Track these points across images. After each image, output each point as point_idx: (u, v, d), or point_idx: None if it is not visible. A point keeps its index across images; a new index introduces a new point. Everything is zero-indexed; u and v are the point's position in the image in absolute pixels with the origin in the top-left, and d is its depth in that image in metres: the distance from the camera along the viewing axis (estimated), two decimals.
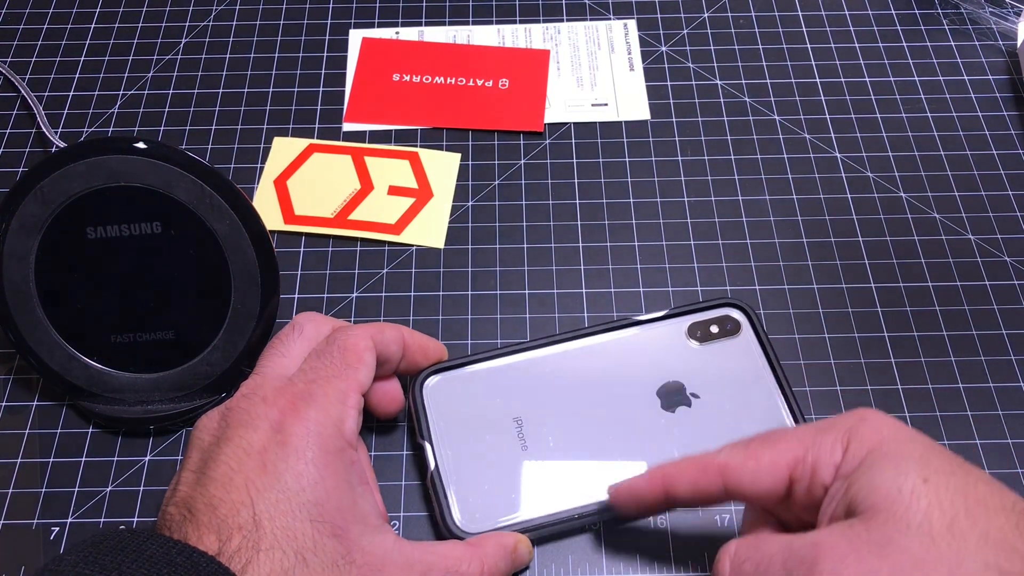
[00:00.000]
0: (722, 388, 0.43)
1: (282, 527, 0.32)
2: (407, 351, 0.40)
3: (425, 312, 0.47)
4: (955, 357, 0.46)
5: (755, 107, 0.55)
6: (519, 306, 0.47)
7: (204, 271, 0.42)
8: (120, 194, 0.41)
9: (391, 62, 0.57)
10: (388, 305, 0.47)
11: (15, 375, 0.45)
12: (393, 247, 0.49)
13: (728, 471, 0.34)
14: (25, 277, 0.41)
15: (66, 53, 0.58)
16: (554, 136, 0.54)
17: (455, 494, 0.39)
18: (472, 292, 0.48)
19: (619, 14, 0.60)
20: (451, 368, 0.43)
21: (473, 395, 0.42)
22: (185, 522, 0.32)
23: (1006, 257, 0.49)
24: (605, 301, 0.47)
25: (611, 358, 0.44)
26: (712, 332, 0.44)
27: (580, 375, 0.43)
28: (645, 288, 0.48)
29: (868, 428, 0.32)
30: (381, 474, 0.42)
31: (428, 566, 0.35)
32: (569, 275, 0.48)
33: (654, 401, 0.42)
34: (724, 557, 0.33)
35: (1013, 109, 0.55)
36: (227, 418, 0.36)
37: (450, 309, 0.47)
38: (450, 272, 0.48)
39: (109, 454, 0.43)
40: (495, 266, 0.49)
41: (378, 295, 0.48)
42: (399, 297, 0.48)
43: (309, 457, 0.34)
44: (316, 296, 0.48)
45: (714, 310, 0.45)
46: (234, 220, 0.42)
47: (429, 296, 0.48)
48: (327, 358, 0.37)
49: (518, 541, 0.38)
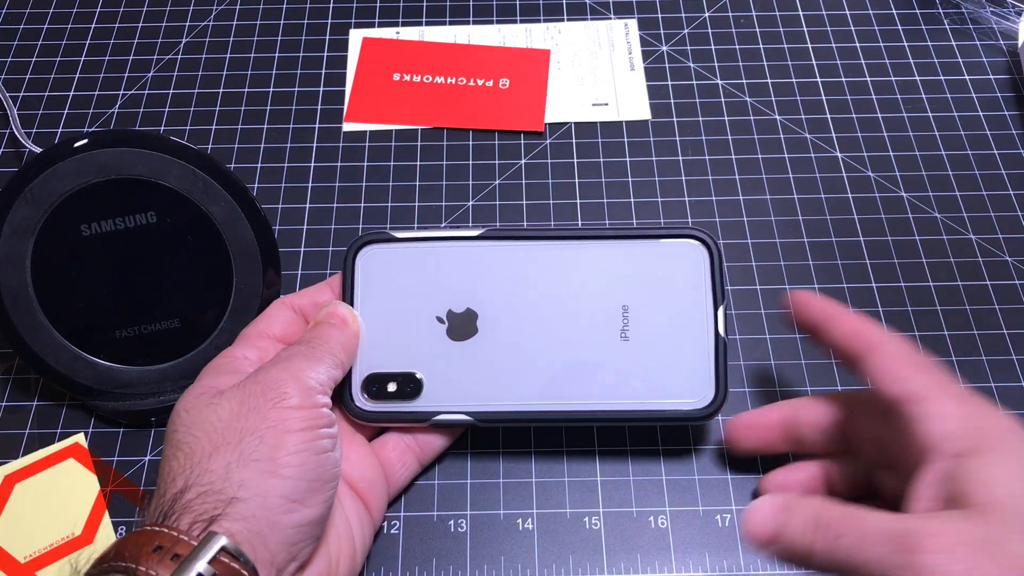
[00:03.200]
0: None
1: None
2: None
3: None
4: (956, 357, 0.45)
5: (756, 107, 0.55)
6: None
7: (203, 255, 0.42)
8: (111, 187, 0.41)
9: (391, 62, 0.57)
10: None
11: (15, 375, 0.45)
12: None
13: (875, 354, 0.34)
14: (23, 282, 0.41)
15: (66, 53, 0.58)
16: (555, 136, 0.54)
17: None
18: None
19: (620, 14, 0.60)
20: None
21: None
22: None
23: (1007, 257, 0.49)
24: None
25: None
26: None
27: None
28: None
29: (994, 420, 0.31)
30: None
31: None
32: None
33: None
34: (803, 516, 0.30)
35: (1014, 109, 0.55)
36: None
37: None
38: None
39: (109, 454, 0.43)
40: None
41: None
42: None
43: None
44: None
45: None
46: (229, 201, 0.42)
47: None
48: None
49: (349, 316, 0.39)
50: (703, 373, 0.39)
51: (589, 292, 0.41)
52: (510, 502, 0.42)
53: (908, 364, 0.34)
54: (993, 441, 0.30)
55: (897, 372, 0.33)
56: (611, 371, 0.40)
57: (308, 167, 0.53)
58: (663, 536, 0.40)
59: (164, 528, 0.30)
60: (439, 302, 0.41)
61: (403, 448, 0.40)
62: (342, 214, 0.51)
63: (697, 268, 0.41)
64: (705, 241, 0.41)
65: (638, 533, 0.41)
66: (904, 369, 0.33)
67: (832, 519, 0.30)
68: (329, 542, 0.35)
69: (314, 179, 0.52)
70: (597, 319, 0.40)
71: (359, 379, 0.40)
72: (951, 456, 0.30)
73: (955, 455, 0.30)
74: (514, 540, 0.41)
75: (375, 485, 0.39)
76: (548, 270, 0.41)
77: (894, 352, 0.34)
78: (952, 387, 0.32)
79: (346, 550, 0.36)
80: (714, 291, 0.40)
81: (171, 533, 0.30)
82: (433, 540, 0.41)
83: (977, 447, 0.30)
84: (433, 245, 0.41)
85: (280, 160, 0.53)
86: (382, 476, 0.39)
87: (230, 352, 0.38)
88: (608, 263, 0.41)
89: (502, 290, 0.41)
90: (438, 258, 0.41)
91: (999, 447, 0.29)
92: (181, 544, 0.29)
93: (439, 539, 0.41)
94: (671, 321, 0.40)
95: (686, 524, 0.41)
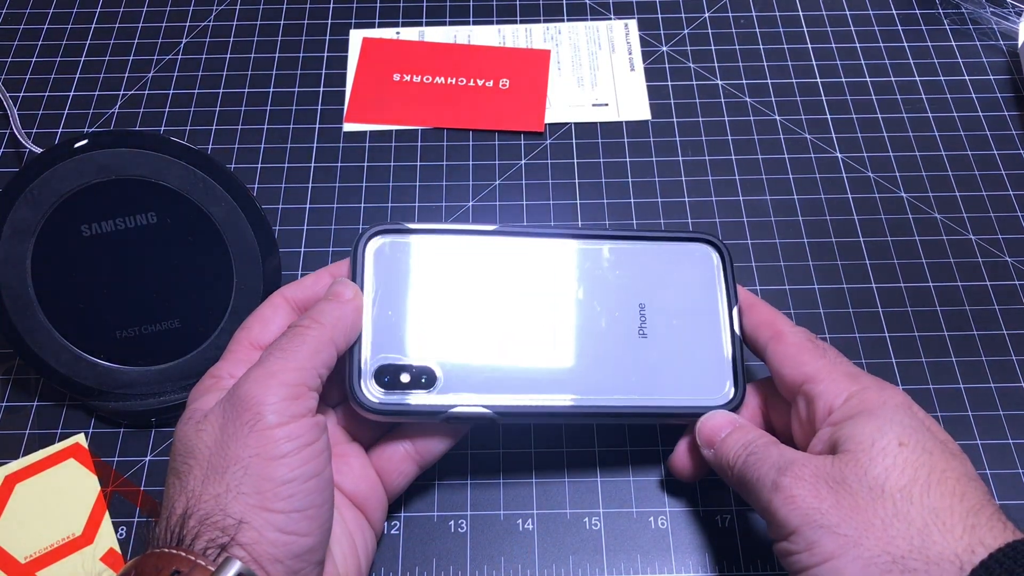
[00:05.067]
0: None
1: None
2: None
3: None
4: (956, 357, 0.46)
5: (756, 107, 0.55)
6: None
7: (204, 255, 0.42)
8: (112, 188, 0.41)
9: (391, 62, 0.57)
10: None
11: (15, 375, 0.45)
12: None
13: (776, 342, 0.38)
14: (23, 282, 0.41)
15: (66, 53, 0.58)
16: (555, 136, 0.54)
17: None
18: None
19: (620, 14, 0.60)
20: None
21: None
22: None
23: (1007, 257, 0.49)
24: None
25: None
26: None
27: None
28: None
29: (878, 393, 0.35)
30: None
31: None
32: None
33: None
34: (743, 437, 0.36)
35: (1014, 109, 0.55)
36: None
37: None
38: None
39: (109, 454, 0.43)
40: None
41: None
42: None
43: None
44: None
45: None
46: (229, 201, 0.42)
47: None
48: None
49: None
50: (722, 370, 0.40)
51: (605, 289, 0.41)
52: (510, 502, 0.42)
53: (806, 350, 0.37)
54: (871, 407, 0.34)
55: (795, 357, 0.37)
56: (630, 366, 0.39)
57: (308, 167, 0.53)
58: (663, 536, 0.41)
59: (180, 551, 0.29)
60: (455, 294, 0.39)
61: (401, 455, 0.39)
62: (342, 214, 0.51)
63: (709, 270, 0.41)
64: (717, 245, 0.42)
65: (638, 533, 0.41)
66: (802, 355, 0.37)
67: (758, 446, 0.35)
68: (335, 559, 0.35)
69: (314, 179, 0.52)
70: (615, 315, 0.40)
71: (370, 370, 0.37)
72: (837, 423, 0.34)
73: (840, 421, 0.34)
74: (514, 540, 0.41)
75: (374, 496, 0.38)
76: (563, 266, 0.41)
77: (794, 340, 0.38)
78: (844, 368, 0.37)
79: (352, 564, 0.36)
80: (728, 292, 0.41)
81: (188, 557, 0.29)
82: (433, 540, 0.41)
83: (857, 413, 0.34)
84: (449, 238, 0.40)
85: (280, 160, 0.53)
86: (380, 486, 0.38)
87: (216, 370, 0.36)
88: (623, 262, 0.41)
89: (518, 284, 0.40)
90: (454, 250, 0.40)
91: (873, 412, 0.34)
92: (199, 569, 0.29)
93: (439, 539, 0.41)
94: (686, 320, 0.40)
95: (686, 524, 0.41)
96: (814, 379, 0.36)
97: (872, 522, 0.30)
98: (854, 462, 0.32)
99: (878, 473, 0.31)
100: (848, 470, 0.32)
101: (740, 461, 0.35)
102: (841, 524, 0.31)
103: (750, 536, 0.41)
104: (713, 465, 0.38)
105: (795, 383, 0.37)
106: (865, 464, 0.32)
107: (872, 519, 0.31)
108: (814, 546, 0.31)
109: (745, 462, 0.35)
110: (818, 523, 0.31)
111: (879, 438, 0.32)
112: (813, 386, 0.36)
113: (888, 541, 0.30)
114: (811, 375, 0.36)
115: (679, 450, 0.40)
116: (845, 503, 0.31)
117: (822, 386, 0.36)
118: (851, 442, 0.33)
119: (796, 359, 0.37)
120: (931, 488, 0.31)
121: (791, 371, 0.37)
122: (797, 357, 0.37)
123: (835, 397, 0.35)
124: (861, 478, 0.31)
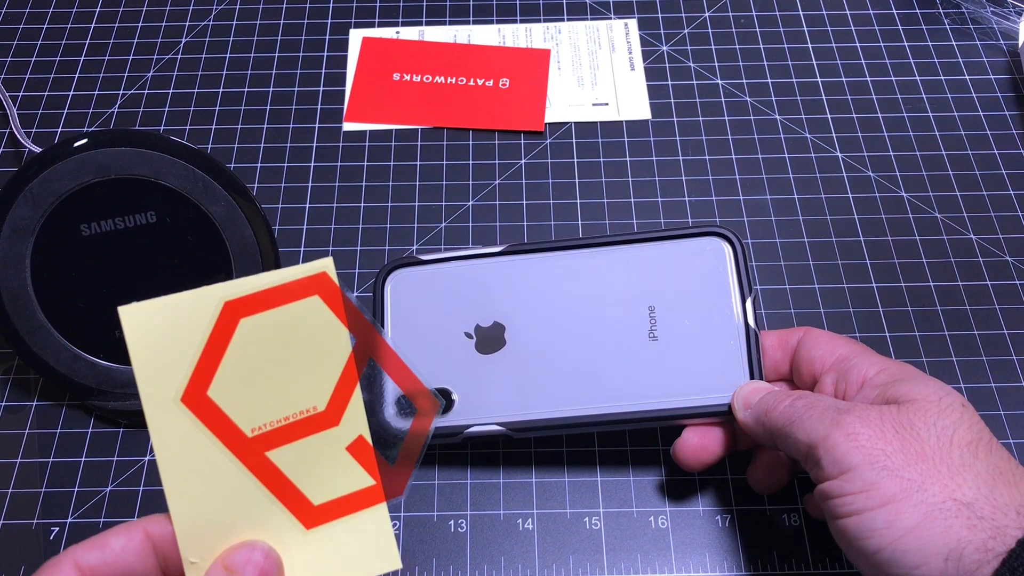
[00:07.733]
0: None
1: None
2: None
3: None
4: (956, 357, 0.45)
5: (756, 107, 0.55)
6: None
7: (203, 255, 0.42)
8: (111, 187, 0.41)
9: (391, 62, 0.57)
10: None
11: (15, 375, 0.45)
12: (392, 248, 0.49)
13: (809, 332, 0.39)
14: (22, 282, 0.41)
15: (66, 53, 0.58)
16: (555, 136, 0.54)
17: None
18: None
19: (620, 13, 0.60)
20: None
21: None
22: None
23: (1007, 257, 0.49)
24: None
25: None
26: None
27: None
28: None
29: (911, 368, 0.36)
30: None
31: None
32: None
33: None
34: (780, 397, 0.36)
35: (1014, 108, 0.55)
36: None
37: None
38: None
39: (109, 454, 0.43)
40: None
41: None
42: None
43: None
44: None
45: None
46: (229, 201, 0.42)
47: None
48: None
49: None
50: (736, 366, 0.39)
51: (614, 296, 0.41)
52: (510, 502, 0.42)
53: (838, 339, 0.39)
54: (912, 375, 0.35)
55: (829, 343, 0.38)
56: (642, 371, 0.40)
57: (308, 167, 0.52)
58: (663, 536, 0.40)
59: None
60: (467, 318, 0.42)
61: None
62: (342, 214, 0.51)
63: (719, 264, 0.41)
64: (727, 237, 0.42)
65: (638, 533, 0.41)
66: (835, 341, 0.39)
67: (808, 395, 0.35)
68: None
69: (314, 179, 0.52)
70: (624, 322, 0.41)
71: (392, 398, 0.38)
72: (882, 384, 0.35)
73: (885, 383, 0.35)
74: (514, 540, 0.41)
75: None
76: (571, 278, 0.42)
77: (820, 332, 0.39)
78: (872, 352, 0.38)
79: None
80: (740, 284, 0.41)
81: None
82: (433, 540, 0.41)
83: (908, 377, 0.35)
84: (458, 264, 0.43)
85: (280, 160, 0.53)
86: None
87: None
88: (630, 266, 0.42)
89: (528, 301, 0.42)
90: (464, 276, 0.42)
91: (927, 378, 0.34)
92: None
93: (439, 539, 0.41)
94: (698, 318, 0.41)
95: (686, 524, 0.41)
96: (848, 358, 0.37)
97: (939, 469, 0.30)
98: (923, 411, 0.32)
99: (947, 424, 0.32)
100: (916, 418, 0.32)
101: (786, 405, 0.35)
102: (906, 467, 0.31)
103: (750, 536, 0.41)
104: (747, 424, 0.37)
105: (828, 362, 0.38)
106: (935, 415, 0.32)
107: (939, 466, 0.31)
108: (872, 488, 0.30)
109: (792, 405, 0.35)
110: (881, 464, 0.31)
111: (944, 396, 0.33)
112: (848, 362, 0.37)
113: (955, 488, 0.30)
114: (846, 355, 0.37)
115: (686, 434, 0.39)
116: (912, 448, 0.31)
117: (857, 359, 0.37)
118: (915, 395, 0.33)
119: (830, 344, 0.38)
120: (993, 450, 0.31)
121: (825, 351, 0.38)
122: (831, 343, 0.38)
123: (871, 367, 0.36)
124: (931, 427, 0.32)
